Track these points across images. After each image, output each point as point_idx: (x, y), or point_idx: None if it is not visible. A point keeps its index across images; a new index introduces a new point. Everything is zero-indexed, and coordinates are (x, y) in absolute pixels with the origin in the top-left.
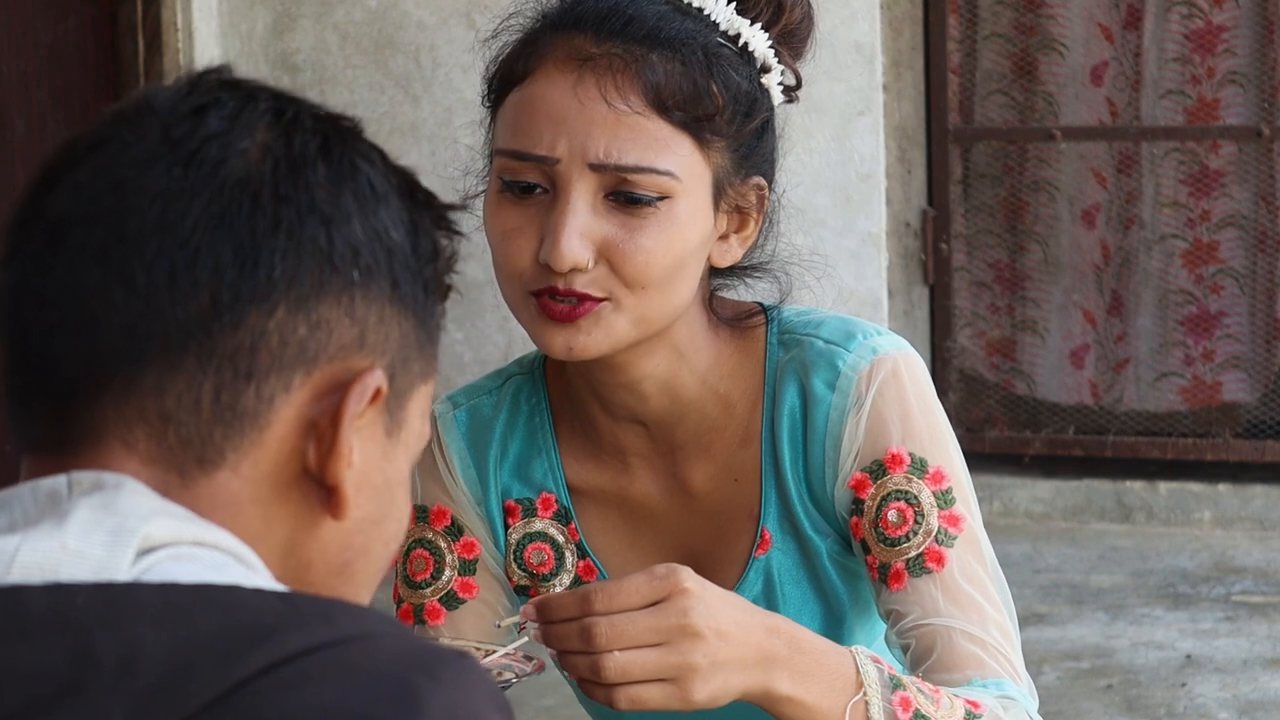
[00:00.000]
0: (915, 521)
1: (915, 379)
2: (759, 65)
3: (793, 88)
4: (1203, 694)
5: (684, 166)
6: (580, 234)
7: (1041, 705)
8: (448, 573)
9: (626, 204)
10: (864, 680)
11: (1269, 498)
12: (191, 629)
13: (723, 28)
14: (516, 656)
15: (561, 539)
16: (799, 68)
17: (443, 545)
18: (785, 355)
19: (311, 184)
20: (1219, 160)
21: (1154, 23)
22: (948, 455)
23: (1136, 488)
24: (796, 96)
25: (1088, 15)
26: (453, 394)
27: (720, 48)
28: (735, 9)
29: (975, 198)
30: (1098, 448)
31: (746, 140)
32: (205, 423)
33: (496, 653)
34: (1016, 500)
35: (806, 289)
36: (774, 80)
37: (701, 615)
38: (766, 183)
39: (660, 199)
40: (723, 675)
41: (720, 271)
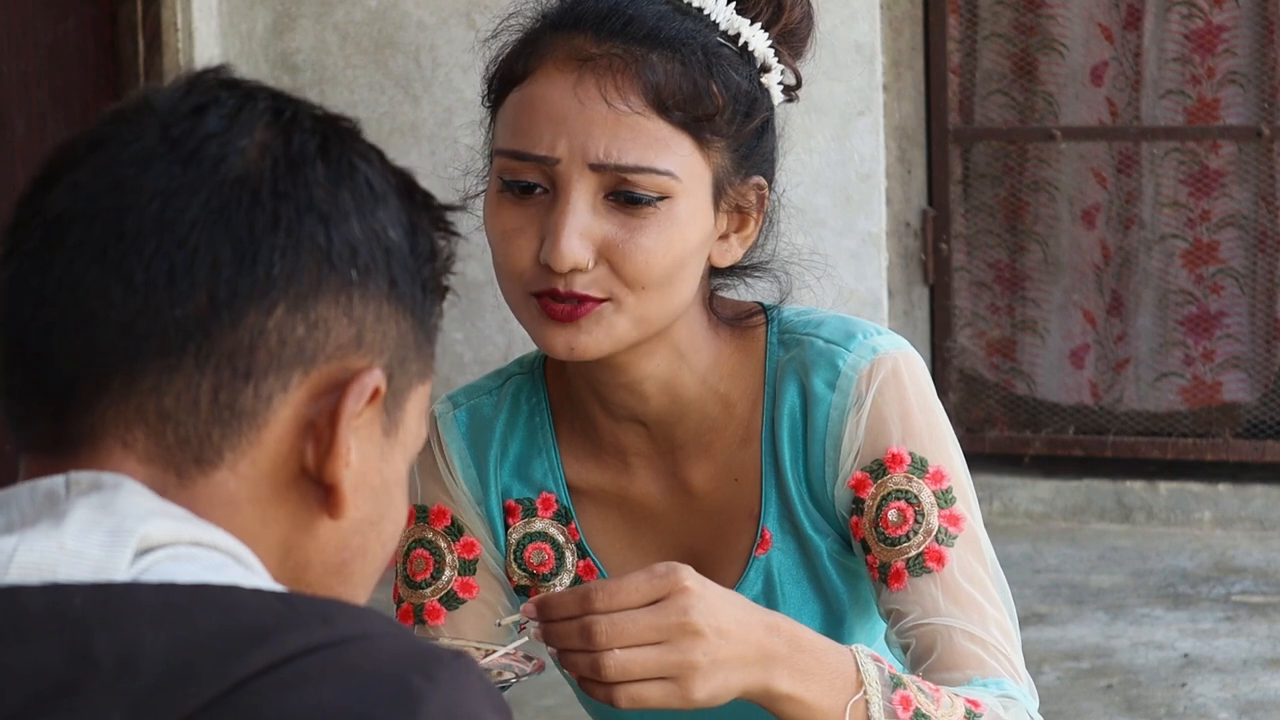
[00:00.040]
0: (915, 521)
1: (915, 378)
2: (759, 65)
3: (793, 87)
4: (1203, 694)
5: (684, 166)
6: (580, 234)
7: (1041, 705)
8: (448, 573)
9: (626, 204)
10: (864, 679)
11: (1269, 498)
12: (190, 629)
13: (723, 27)
14: (516, 656)
15: (562, 539)
16: (799, 67)
17: (443, 545)
18: (785, 355)
19: (310, 183)
20: (1219, 160)
21: (1154, 23)
22: (948, 455)
23: (1136, 488)
24: (796, 96)
25: (1088, 15)
26: (453, 394)
27: (720, 47)
28: (735, 9)
29: (975, 198)
30: (1098, 448)
31: (746, 140)
32: (203, 422)
33: (496, 653)
34: (1016, 500)
35: (806, 289)
36: (774, 80)
37: (702, 613)
38: (766, 182)
39: (660, 199)
40: (723, 673)
41: (720, 271)
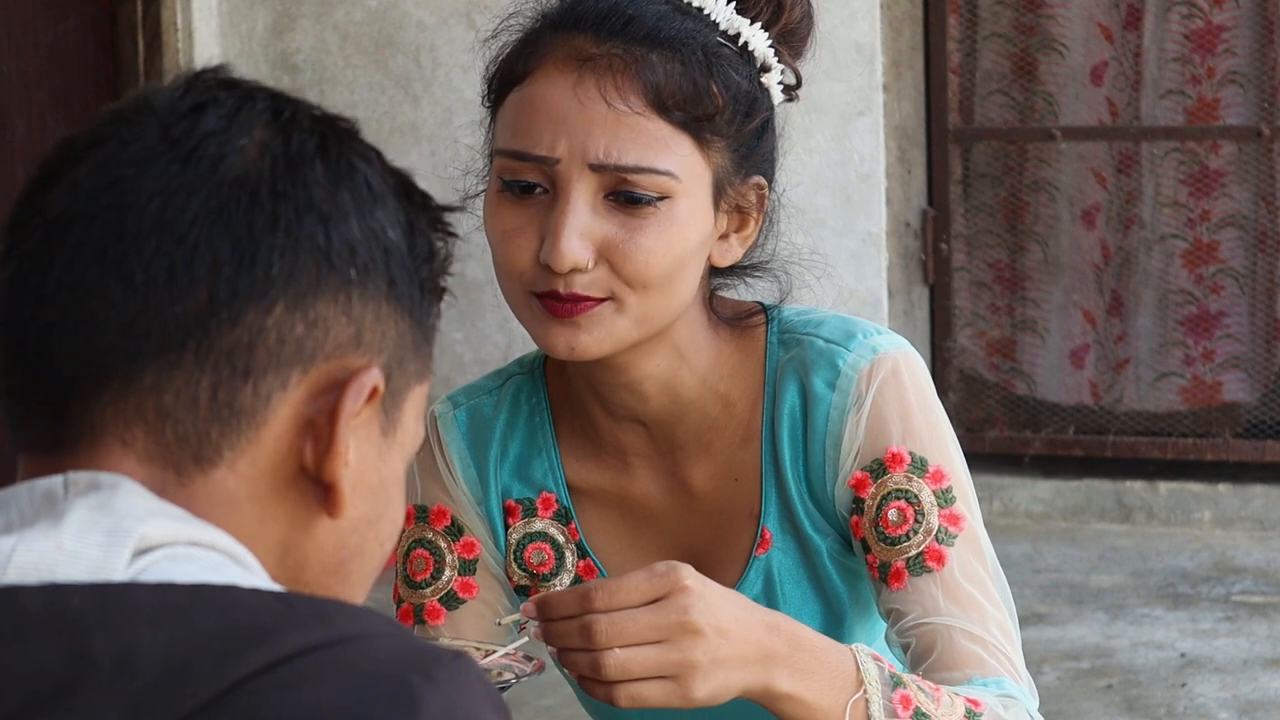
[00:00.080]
0: (915, 520)
1: (915, 378)
2: (759, 65)
3: (793, 87)
4: (1203, 694)
5: (684, 166)
6: (580, 234)
7: (1041, 705)
8: (448, 573)
9: (626, 204)
10: (864, 678)
11: (1269, 498)
12: (188, 629)
13: (722, 27)
14: (517, 656)
15: (562, 539)
16: (799, 67)
17: (443, 545)
18: (785, 355)
19: (309, 182)
20: (1219, 160)
21: (1154, 23)
22: (948, 454)
23: (1136, 488)
24: (796, 95)
25: (1088, 15)
26: (453, 394)
27: (720, 47)
28: (735, 8)
29: (975, 198)
30: (1098, 448)
31: (746, 140)
32: (203, 420)
33: (497, 653)
34: (1016, 500)
35: (806, 289)
36: (774, 79)
37: (702, 612)
38: (766, 182)
39: (660, 199)
40: (723, 673)
41: (720, 271)
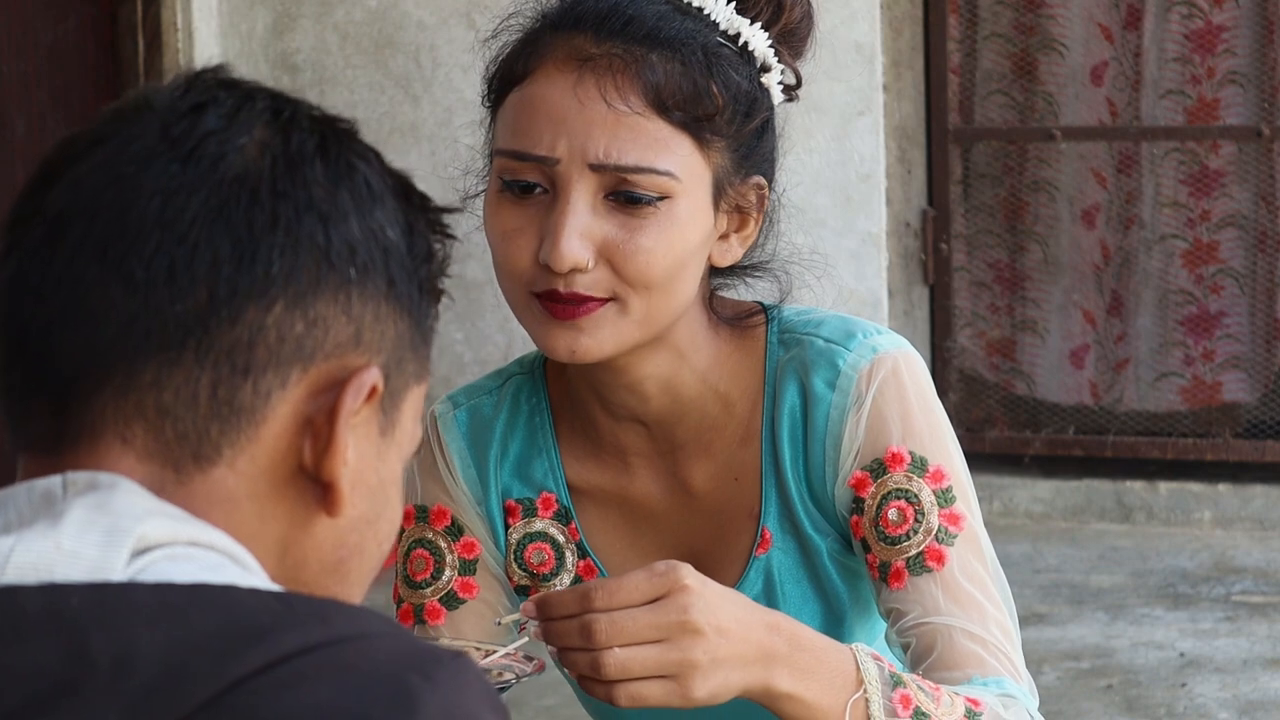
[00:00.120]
0: (915, 520)
1: (915, 378)
2: (759, 65)
3: (793, 87)
4: (1203, 694)
5: (684, 166)
6: (580, 234)
7: (1041, 705)
8: (448, 573)
9: (626, 204)
10: (864, 677)
11: (1269, 498)
12: (187, 629)
13: (722, 27)
14: (517, 657)
15: (562, 539)
16: (799, 67)
17: (443, 545)
18: (785, 354)
19: (309, 181)
20: (1219, 160)
21: (1154, 23)
22: (948, 454)
23: (1136, 488)
24: (796, 95)
25: (1088, 15)
26: (453, 394)
27: (720, 47)
28: (735, 8)
29: (975, 198)
30: (1098, 448)
31: (746, 140)
32: (202, 418)
33: (497, 653)
34: (1016, 500)
35: (806, 289)
36: (774, 79)
37: (702, 612)
38: (766, 182)
39: (660, 199)
40: (723, 672)
41: (720, 271)
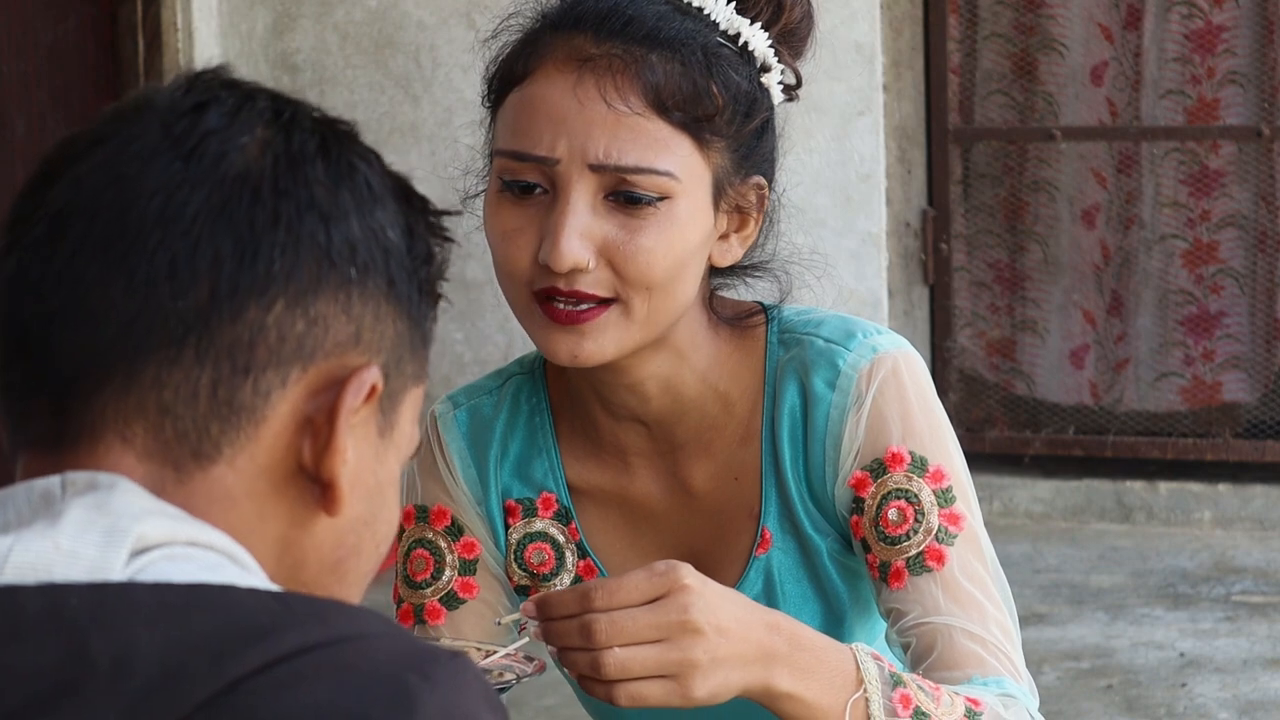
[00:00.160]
0: (915, 520)
1: (915, 378)
2: (759, 65)
3: (793, 87)
4: (1203, 694)
5: (684, 167)
6: (580, 234)
7: (1041, 705)
8: (448, 573)
9: (626, 204)
10: (864, 677)
11: (1269, 498)
12: (186, 629)
13: (722, 27)
14: (517, 657)
15: (562, 539)
16: (799, 67)
17: (443, 545)
18: (785, 354)
19: (310, 180)
20: (1219, 160)
21: (1154, 23)
22: (948, 454)
23: (1136, 488)
24: (797, 95)
25: (1088, 15)
26: (453, 394)
27: (720, 47)
28: (735, 8)
29: (975, 198)
30: (1098, 448)
31: (746, 140)
32: (202, 416)
33: (497, 653)
34: (1016, 500)
35: (806, 289)
36: (774, 79)
37: (702, 611)
38: (766, 182)
39: (660, 199)
40: (723, 672)
41: (720, 271)
